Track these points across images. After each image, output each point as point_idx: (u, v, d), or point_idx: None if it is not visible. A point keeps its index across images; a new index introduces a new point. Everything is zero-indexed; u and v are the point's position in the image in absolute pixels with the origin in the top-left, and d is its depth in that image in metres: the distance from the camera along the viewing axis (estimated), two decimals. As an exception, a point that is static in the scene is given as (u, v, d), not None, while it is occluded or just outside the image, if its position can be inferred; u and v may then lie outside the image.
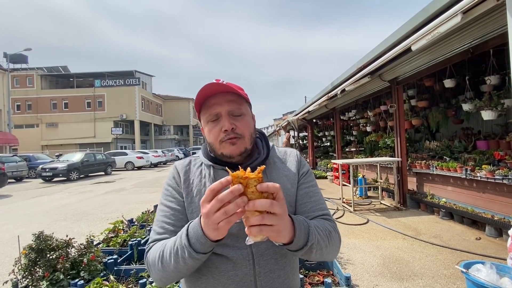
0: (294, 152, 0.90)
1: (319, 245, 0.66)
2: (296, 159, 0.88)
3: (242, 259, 0.72)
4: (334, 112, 9.86)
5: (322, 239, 0.68)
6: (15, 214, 6.35)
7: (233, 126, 0.75)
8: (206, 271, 0.74)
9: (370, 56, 4.48)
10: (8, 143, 19.71)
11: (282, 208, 0.53)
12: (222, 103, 0.75)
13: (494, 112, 3.92)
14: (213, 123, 0.77)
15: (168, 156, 23.43)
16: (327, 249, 0.70)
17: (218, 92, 0.76)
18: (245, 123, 0.77)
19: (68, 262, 2.23)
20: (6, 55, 21.30)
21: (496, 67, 4.14)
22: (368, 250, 3.42)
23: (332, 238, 0.73)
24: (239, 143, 0.76)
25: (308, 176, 0.86)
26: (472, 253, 3.17)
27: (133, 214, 5.29)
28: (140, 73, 33.93)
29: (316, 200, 0.82)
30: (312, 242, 0.64)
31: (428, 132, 6.65)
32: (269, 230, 0.53)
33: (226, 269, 0.72)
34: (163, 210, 0.78)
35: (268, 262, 0.74)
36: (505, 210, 3.66)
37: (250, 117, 0.82)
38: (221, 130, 0.75)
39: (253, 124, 0.83)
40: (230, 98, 0.76)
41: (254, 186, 0.51)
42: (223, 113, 0.75)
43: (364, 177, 6.58)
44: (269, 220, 0.52)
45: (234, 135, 0.75)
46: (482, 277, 1.81)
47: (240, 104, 0.78)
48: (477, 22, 3.05)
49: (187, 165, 0.84)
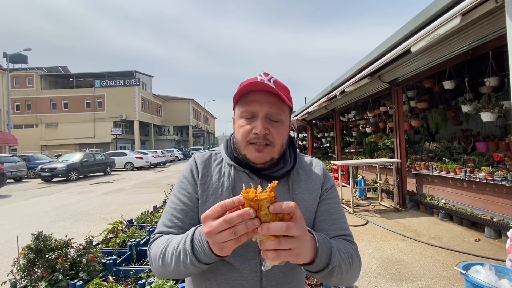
0: (320, 164, 0.84)
1: (340, 269, 0.61)
2: (322, 172, 0.82)
3: (249, 270, 0.69)
4: (333, 113, 9.86)
5: (344, 263, 0.62)
6: (14, 214, 6.34)
7: (267, 132, 0.69)
8: (211, 276, 0.71)
9: (370, 57, 4.49)
10: (7, 143, 19.68)
11: (300, 230, 0.48)
12: (262, 103, 0.69)
13: (493, 114, 3.92)
14: (246, 120, 0.71)
15: (167, 156, 23.42)
16: (347, 274, 0.64)
17: (263, 89, 0.70)
18: (279, 131, 0.71)
19: (67, 262, 2.22)
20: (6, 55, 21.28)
21: (495, 68, 4.15)
22: (367, 251, 3.41)
23: (354, 263, 0.67)
24: (266, 151, 0.70)
25: (332, 192, 0.81)
26: (471, 254, 3.17)
27: (132, 214, 5.28)
28: (140, 73, 33.94)
29: (338, 218, 0.76)
30: (334, 265, 0.58)
31: (428, 134, 6.66)
32: (288, 254, 0.48)
33: (232, 278, 0.69)
34: (174, 202, 0.74)
35: (276, 275, 0.71)
36: (504, 211, 3.66)
37: (287, 126, 0.76)
38: (252, 130, 0.69)
39: (287, 134, 0.77)
40: (273, 100, 0.70)
41: (267, 208, 0.46)
42: (261, 114, 0.69)
43: (364, 178, 6.59)
44: (287, 244, 0.47)
45: (264, 141, 0.69)
46: (481, 279, 1.81)
47: (281, 109, 0.71)
48: (476, 24, 3.07)
49: (207, 159, 0.79)
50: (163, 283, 1.94)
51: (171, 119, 40.03)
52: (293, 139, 0.84)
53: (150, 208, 4.47)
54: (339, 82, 5.99)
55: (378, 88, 6.19)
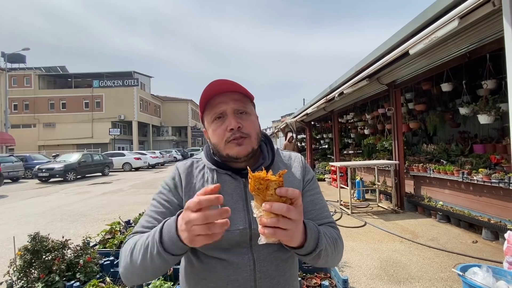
0: (298, 157, 0.88)
1: (326, 252, 0.66)
2: (301, 164, 0.86)
3: (243, 264, 0.72)
4: (332, 115, 9.89)
5: (329, 246, 0.68)
6: (11, 214, 6.30)
7: (240, 125, 0.72)
8: (205, 274, 0.73)
9: (368, 59, 4.51)
10: (4, 143, 19.58)
11: (298, 214, 0.53)
12: (227, 102, 0.73)
13: (490, 116, 3.95)
14: (217, 123, 0.74)
15: (166, 157, 23.37)
16: (332, 256, 0.70)
17: (224, 91, 0.74)
18: (251, 122, 0.76)
19: (64, 263, 2.21)
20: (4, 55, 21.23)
21: (493, 71, 4.18)
22: (365, 252, 3.42)
23: (338, 246, 0.73)
24: (245, 143, 0.73)
25: (313, 183, 0.85)
26: (468, 256, 3.18)
27: (130, 215, 5.25)
28: (139, 74, 33.89)
29: (321, 207, 0.81)
30: (321, 248, 0.63)
31: (426, 135, 6.68)
32: (283, 234, 0.52)
33: (227, 274, 0.71)
34: (155, 206, 0.76)
35: (269, 267, 0.73)
36: (502, 213, 3.68)
37: (255, 117, 0.80)
38: (226, 129, 0.73)
39: (258, 124, 0.81)
40: (236, 97, 0.75)
41: (274, 189, 0.51)
42: (229, 111, 0.73)
43: (362, 180, 6.60)
44: (284, 224, 0.51)
45: (240, 134, 0.72)
46: (479, 280, 1.82)
47: (246, 103, 0.77)
48: (474, 27, 3.09)
49: (189, 167, 0.82)
50: (160, 284, 1.93)
51: (170, 120, 39.97)
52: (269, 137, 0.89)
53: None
54: (337, 84, 6.01)
55: (376, 90, 6.21)
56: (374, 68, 4.31)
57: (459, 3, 2.59)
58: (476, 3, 2.41)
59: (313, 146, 13.42)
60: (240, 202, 0.75)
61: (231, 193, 0.75)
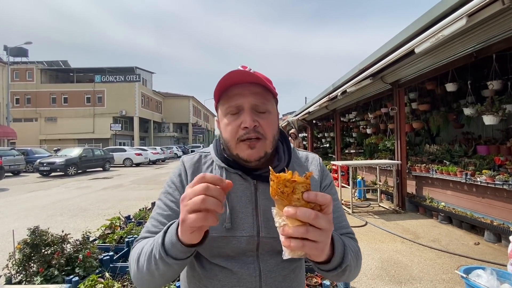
0: (316, 159, 0.81)
1: (350, 267, 0.59)
2: (319, 168, 0.78)
3: (248, 275, 0.66)
4: (334, 114, 9.84)
5: (353, 260, 0.61)
6: (11, 208, 6.31)
7: (256, 124, 0.65)
8: (208, 282, 0.68)
9: (373, 57, 4.46)
10: (6, 137, 19.63)
11: (328, 223, 0.45)
12: (246, 95, 0.65)
13: (495, 117, 3.90)
14: (232, 117, 0.66)
15: (167, 153, 23.38)
16: (354, 271, 0.63)
17: (244, 82, 0.66)
18: (269, 122, 0.67)
19: (63, 258, 2.19)
20: (7, 48, 21.20)
21: (499, 72, 4.13)
22: (366, 252, 3.40)
23: (359, 260, 0.67)
24: (258, 146, 0.65)
25: (331, 188, 0.78)
26: (470, 258, 3.15)
27: (130, 210, 5.25)
28: (141, 69, 33.87)
29: (339, 216, 0.75)
30: (347, 263, 0.57)
31: (429, 136, 6.64)
32: (313, 247, 0.44)
33: (230, 284, 0.67)
34: (161, 207, 0.71)
35: (276, 279, 0.68)
36: (505, 215, 3.64)
37: (275, 116, 0.72)
38: (240, 126, 0.65)
39: (277, 125, 0.72)
40: (256, 90, 0.66)
41: (301, 193, 0.44)
42: (246, 106, 0.65)
43: (363, 179, 6.57)
44: (314, 235, 0.43)
45: (255, 134, 0.65)
46: (483, 283, 1.79)
47: (267, 99, 0.68)
48: (482, 25, 3.03)
49: (197, 162, 0.75)
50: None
51: (171, 116, 39.96)
52: (285, 134, 0.80)
53: (148, 205, 4.45)
54: (341, 82, 5.96)
55: (380, 89, 6.16)
56: (378, 67, 4.27)
57: (467, 1, 2.54)
58: (486, 1, 2.36)
59: (314, 145, 13.38)
60: (249, 206, 0.69)
61: (240, 195, 0.69)
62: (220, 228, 0.66)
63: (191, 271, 0.73)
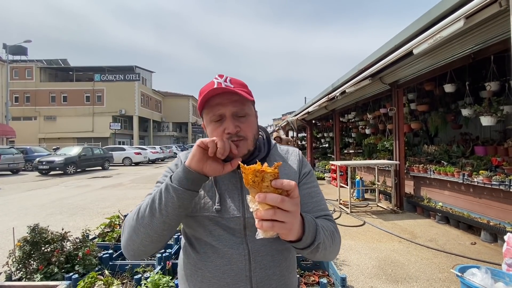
0: (296, 151, 0.90)
1: (324, 245, 0.66)
2: (298, 158, 0.87)
3: (237, 254, 0.73)
4: (333, 114, 9.86)
5: (327, 239, 0.68)
6: (10, 206, 6.31)
7: (237, 129, 0.73)
8: (202, 265, 0.75)
9: (372, 58, 4.48)
10: (5, 135, 19.58)
11: (294, 206, 0.52)
12: (226, 104, 0.73)
13: (493, 118, 3.93)
14: (216, 124, 0.75)
15: (166, 152, 23.38)
16: (330, 249, 0.70)
17: (222, 92, 0.74)
18: (249, 124, 0.76)
19: (63, 255, 2.21)
20: (6, 46, 21.14)
21: (497, 73, 4.15)
22: (364, 251, 3.42)
23: (335, 239, 0.73)
24: (242, 145, 0.74)
25: (310, 176, 0.86)
26: (467, 257, 3.18)
27: (129, 209, 5.27)
28: (141, 68, 33.79)
29: (318, 200, 0.82)
30: (319, 241, 0.63)
31: (427, 136, 6.67)
32: (281, 227, 0.51)
33: (222, 264, 0.73)
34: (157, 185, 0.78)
35: (264, 258, 0.74)
36: (501, 215, 3.67)
37: (254, 117, 0.80)
38: (224, 131, 0.73)
39: (256, 124, 0.82)
40: (235, 98, 0.74)
41: (270, 181, 0.50)
42: (228, 114, 0.74)
43: (362, 179, 6.60)
44: (281, 216, 0.51)
45: (237, 137, 0.73)
46: (477, 282, 1.82)
47: (244, 104, 0.76)
48: (479, 27, 3.06)
49: None
50: (159, 278, 1.93)
51: (171, 116, 39.92)
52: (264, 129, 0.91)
53: (147, 204, 4.45)
54: (340, 82, 5.98)
55: (379, 89, 6.18)
56: (377, 67, 4.29)
57: (465, 3, 2.56)
58: (483, 3, 2.38)
59: (313, 145, 13.41)
60: (236, 192, 0.78)
61: (227, 183, 0.78)
62: (211, 209, 0.75)
63: (186, 257, 0.80)
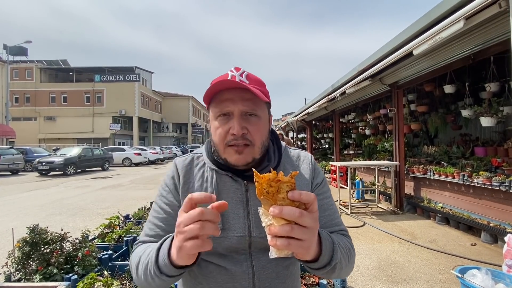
0: (308, 157, 0.80)
1: (341, 264, 0.60)
2: (310, 166, 0.78)
3: (241, 272, 0.68)
4: (333, 114, 9.86)
5: (344, 258, 0.61)
6: (10, 207, 6.30)
7: (244, 131, 0.65)
8: (203, 279, 0.70)
9: (372, 59, 4.49)
10: (5, 136, 19.56)
11: (313, 221, 0.45)
12: (236, 101, 0.65)
13: (493, 119, 3.93)
14: (222, 120, 0.67)
15: (166, 153, 23.37)
16: (346, 269, 0.64)
17: (234, 87, 0.65)
18: (258, 128, 0.67)
19: (63, 256, 2.20)
20: (6, 47, 21.15)
21: (496, 74, 4.16)
22: (364, 252, 3.42)
23: (351, 257, 0.67)
24: (246, 152, 0.66)
25: (323, 186, 0.78)
26: (467, 258, 3.17)
27: (129, 210, 5.25)
28: (141, 69, 33.81)
29: (331, 214, 0.75)
30: (336, 261, 0.57)
31: (427, 137, 6.67)
32: (298, 246, 0.44)
33: (224, 281, 0.68)
34: (156, 211, 0.72)
35: (269, 276, 0.69)
36: (501, 216, 3.67)
37: (266, 121, 0.71)
38: (228, 131, 0.65)
39: (267, 130, 0.72)
40: (247, 96, 0.65)
41: (286, 192, 0.44)
42: (236, 113, 0.65)
43: (362, 180, 6.59)
44: (299, 233, 0.44)
45: (243, 141, 0.65)
46: (477, 283, 1.81)
47: (257, 105, 0.67)
48: (479, 28, 3.06)
49: (189, 164, 0.76)
50: None
51: (171, 116, 39.92)
52: (275, 133, 0.80)
53: (147, 204, 4.46)
54: (340, 83, 5.99)
55: (378, 90, 6.19)
56: (377, 68, 4.29)
57: (465, 4, 2.57)
58: (482, 4, 2.39)
59: (313, 145, 13.41)
60: (240, 206, 0.70)
61: (231, 196, 0.70)
62: None
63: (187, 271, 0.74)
